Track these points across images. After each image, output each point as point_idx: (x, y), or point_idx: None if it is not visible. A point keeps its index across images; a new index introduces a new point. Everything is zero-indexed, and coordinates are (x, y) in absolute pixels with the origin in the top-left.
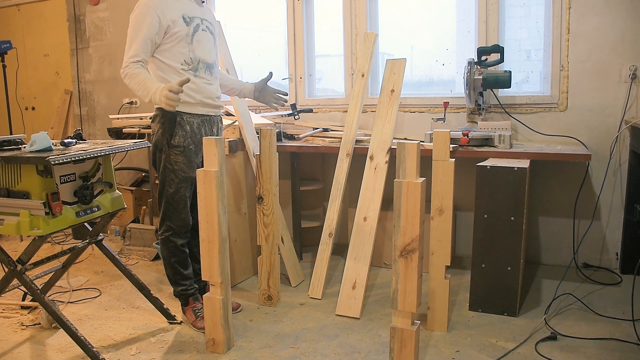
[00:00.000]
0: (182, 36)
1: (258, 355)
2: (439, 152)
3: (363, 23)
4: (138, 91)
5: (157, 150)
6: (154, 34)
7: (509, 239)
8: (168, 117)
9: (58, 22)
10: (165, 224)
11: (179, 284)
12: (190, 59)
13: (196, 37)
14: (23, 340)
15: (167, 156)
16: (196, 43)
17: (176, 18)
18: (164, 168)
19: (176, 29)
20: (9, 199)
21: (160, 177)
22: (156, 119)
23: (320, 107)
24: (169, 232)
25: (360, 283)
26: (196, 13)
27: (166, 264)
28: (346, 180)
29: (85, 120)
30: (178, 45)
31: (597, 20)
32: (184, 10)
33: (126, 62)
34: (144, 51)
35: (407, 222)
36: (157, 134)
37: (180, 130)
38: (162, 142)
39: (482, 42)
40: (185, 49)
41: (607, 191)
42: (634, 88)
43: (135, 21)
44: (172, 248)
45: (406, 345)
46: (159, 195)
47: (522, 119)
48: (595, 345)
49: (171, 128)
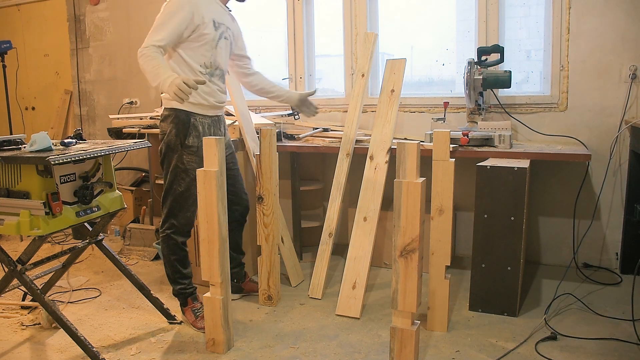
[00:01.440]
0: (209, 39)
1: (258, 355)
2: (439, 152)
3: (363, 23)
4: (149, 74)
5: (168, 150)
6: (184, 28)
7: (509, 239)
8: (182, 118)
9: (58, 22)
10: (169, 221)
11: (177, 282)
12: (211, 62)
13: (220, 43)
14: (23, 340)
15: (180, 156)
16: (219, 49)
17: (207, 20)
18: (174, 167)
19: (206, 30)
20: (9, 199)
21: (169, 176)
22: (168, 119)
23: (320, 107)
24: (172, 229)
25: (360, 283)
26: (224, 20)
27: (166, 262)
28: (346, 180)
29: (85, 120)
30: (203, 48)
31: (597, 20)
32: (215, 15)
33: (148, 43)
34: (169, 40)
35: (407, 222)
36: (169, 134)
37: (194, 131)
38: (176, 142)
39: (482, 42)
40: (208, 52)
41: (607, 191)
42: (634, 88)
43: (169, 10)
44: (172, 246)
45: (406, 345)
46: (165, 194)
47: (522, 119)
48: (595, 345)
49: (185, 128)
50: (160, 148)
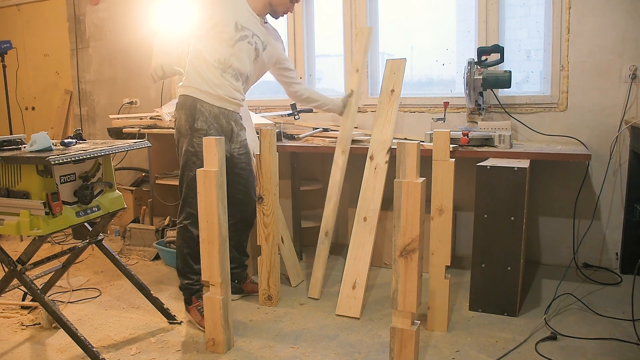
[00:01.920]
0: (226, 38)
1: (258, 355)
2: (439, 152)
3: (363, 23)
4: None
5: (180, 135)
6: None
7: (509, 239)
8: (188, 104)
9: (58, 22)
10: (185, 211)
11: (186, 276)
12: (225, 59)
13: (239, 45)
14: (23, 340)
15: (190, 140)
16: (237, 50)
17: (229, 21)
18: (185, 152)
19: (223, 29)
20: (9, 199)
21: (182, 161)
22: (178, 107)
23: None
24: (188, 220)
25: (360, 283)
26: (250, 26)
27: (178, 254)
28: (342, 178)
29: (85, 120)
30: (220, 45)
31: (597, 20)
32: (239, 17)
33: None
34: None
35: (407, 222)
36: (179, 119)
37: (201, 116)
38: (185, 127)
39: (482, 42)
40: (224, 50)
41: (607, 191)
42: (634, 88)
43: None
44: (187, 239)
45: (406, 345)
46: (180, 182)
47: (522, 119)
48: (595, 345)
49: (192, 113)
50: (175, 137)
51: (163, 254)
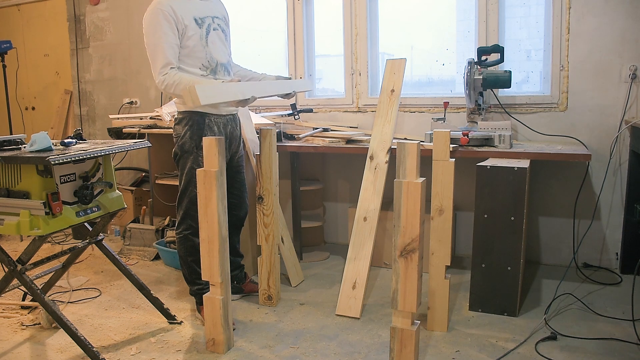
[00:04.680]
0: (196, 40)
1: (258, 355)
2: (439, 152)
3: (363, 23)
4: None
5: (183, 152)
6: (174, 37)
7: (509, 239)
8: (196, 120)
9: (58, 22)
10: (186, 223)
11: (195, 283)
12: (208, 61)
13: (210, 38)
14: (23, 340)
15: (195, 158)
16: (211, 44)
17: (188, 22)
18: (190, 169)
19: (190, 32)
20: (9, 199)
21: (185, 177)
22: (182, 122)
23: (320, 107)
24: (189, 230)
25: (360, 283)
26: (206, 12)
27: (182, 263)
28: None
29: (85, 120)
30: (194, 50)
31: (597, 20)
32: (194, 12)
33: (159, 74)
34: (173, 56)
35: (407, 222)
36: (184, 136)
37: (209, 132)
38: (190, 144)
39: (482, 42)
40: (201, 53)
41: (607, 191)
42: (634, 88)
43: (151, 31)
44: (189, 247)
45: (406, 345)
46: (180, 195)
47: (522, 119)
48: (595, 345)
49: (200, 130)
50: (174, 150)
51: (163, 254)
